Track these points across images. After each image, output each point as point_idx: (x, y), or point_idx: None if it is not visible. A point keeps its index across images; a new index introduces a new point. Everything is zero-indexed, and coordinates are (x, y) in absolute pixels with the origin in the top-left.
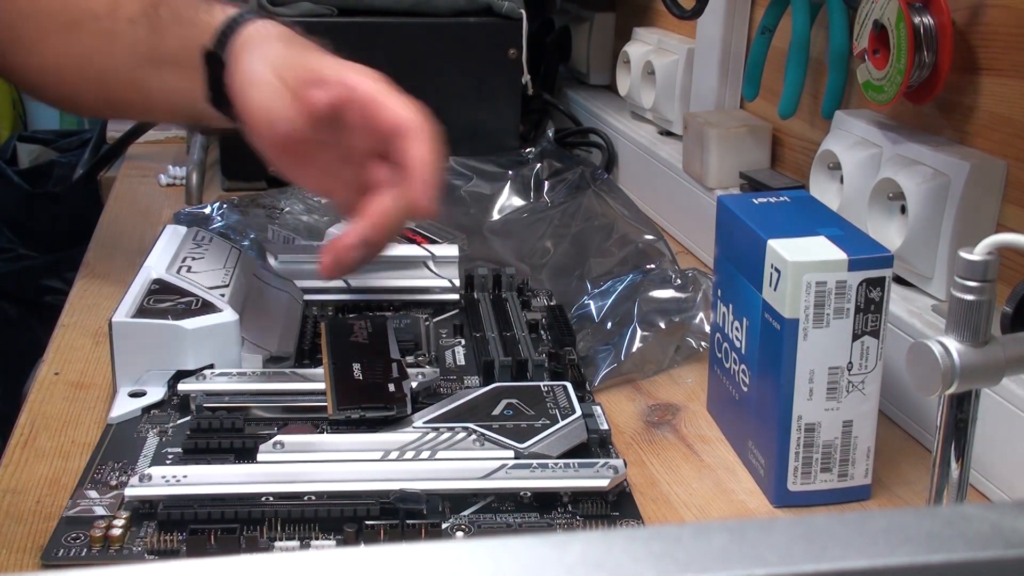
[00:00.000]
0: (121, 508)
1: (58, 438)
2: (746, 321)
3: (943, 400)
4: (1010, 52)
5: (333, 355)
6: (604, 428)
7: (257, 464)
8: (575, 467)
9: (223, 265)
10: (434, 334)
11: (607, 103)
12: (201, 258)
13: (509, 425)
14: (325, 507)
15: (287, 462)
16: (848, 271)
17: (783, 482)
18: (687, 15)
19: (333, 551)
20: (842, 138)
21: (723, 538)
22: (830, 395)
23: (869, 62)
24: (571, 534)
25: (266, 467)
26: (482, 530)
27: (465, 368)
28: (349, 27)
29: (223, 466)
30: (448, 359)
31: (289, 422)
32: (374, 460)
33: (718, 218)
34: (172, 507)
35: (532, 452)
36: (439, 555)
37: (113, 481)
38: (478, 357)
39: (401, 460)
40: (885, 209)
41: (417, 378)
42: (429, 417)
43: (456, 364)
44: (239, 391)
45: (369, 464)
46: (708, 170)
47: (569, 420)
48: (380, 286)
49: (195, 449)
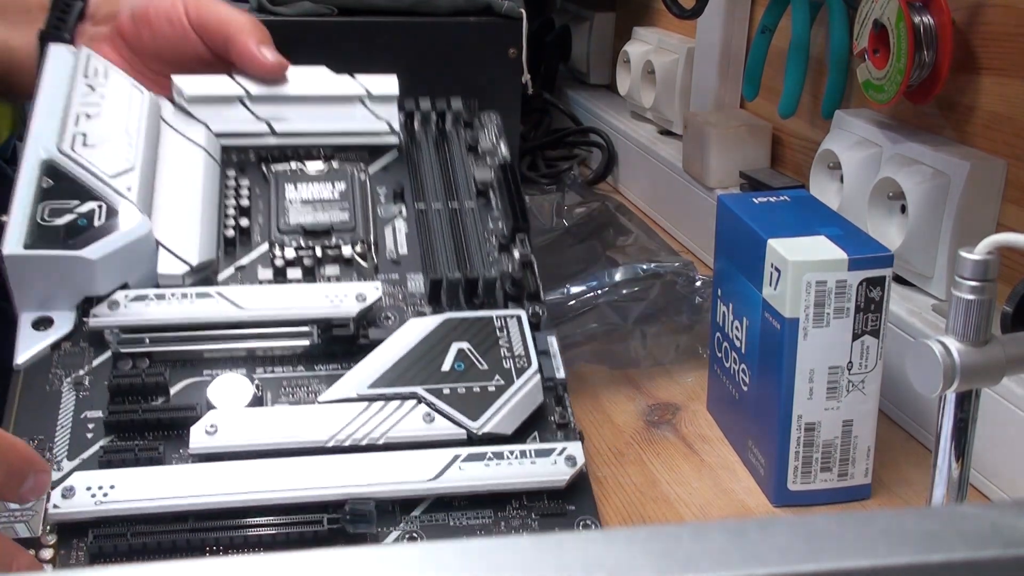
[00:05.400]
0: (46, 529)
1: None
2: (746, 320)
3: (943, 400)
4: (1010, 52)
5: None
6: (560, 377)
7: (190, 465)
8: (531, 456)
9: (124, 124)
10: (372, 198)
11: (607, 103)
12: (97, 115)
13: (461, 390)
14: (270, 532)
15: (222, 454)
16: (848, 270)
17: (783, 481)
18: (687, 15)
19: (331, 552)
20: (842, 138)
21: (723, 538)
22: (830, 394)
23: (869, 62)
24: (571, 533)
25: (198, 471)
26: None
27: (408, 260)
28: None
29: (151, 470)
30: (389, 243)
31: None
32: (319, 448)
33: (718, 217)
34: (103, 536)
35: (486, 434)
36: (438, 556)
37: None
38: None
39: (348, 449)
40: (885, 209)
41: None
42: (374, 378)
43: (398, 252)
44: (158, 325)
45: (314, 460)
46: (708, 170)
47: (524, 380)
48: (308, 130)
49: (118, 424)
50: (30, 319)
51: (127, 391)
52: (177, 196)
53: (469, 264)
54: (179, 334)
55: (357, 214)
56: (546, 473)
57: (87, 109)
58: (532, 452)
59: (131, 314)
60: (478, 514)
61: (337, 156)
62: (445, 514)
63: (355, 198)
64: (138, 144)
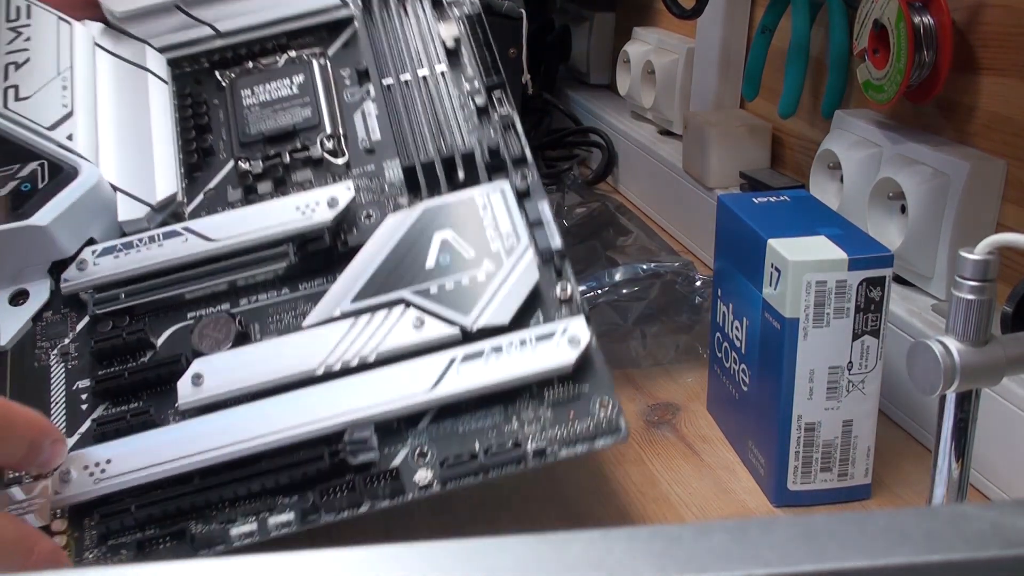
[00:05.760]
0: (55, 514)
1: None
2: (746, 320)
3: (943, 400)
4: (1010, 52)
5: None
6: (557, 247)
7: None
8: (532, 343)
9: (56, 64)
10: (336, 83)
11: (607, 103)
12: (26, 61)
13: (449, 285)
14: (272, 476)
15: (213, 404)
16: (848, 270)
17: (783, 482)
18: (687, 15)
19: (330, 552)
20: (842, 138)
21: (723, 538)
22: (830, 395)
23: (869, 62)
24: (571, 533)
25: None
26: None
27: (382, 146)
28: None
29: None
30: (360, 130)
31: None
32: (310, 378)
33: (718, 218)
34: (108, 516)
35: (481, 328)
36: (437, 555)
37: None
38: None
39: (340, 374)
40: (885, 209)
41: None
42: (356, 290)
43: (371, 139)
44: (131, 276)
45: (307, 392)
46: (708, 170)
47: (515, 260)
48: (255, 23)
49: (106, 392)
50: (5, 296)
51: (110, 354)
52: (126, 130)
53: (444, 140)
54: (154, 281)
55: (321, 107)
56: (550, 358)
57: (14, 58)
58: (532, 338)
59: (101, 271)
60: (487, 414)
61: (292, 45)
62: (452, 421)
63: (316, 89)
64: (74, 83)
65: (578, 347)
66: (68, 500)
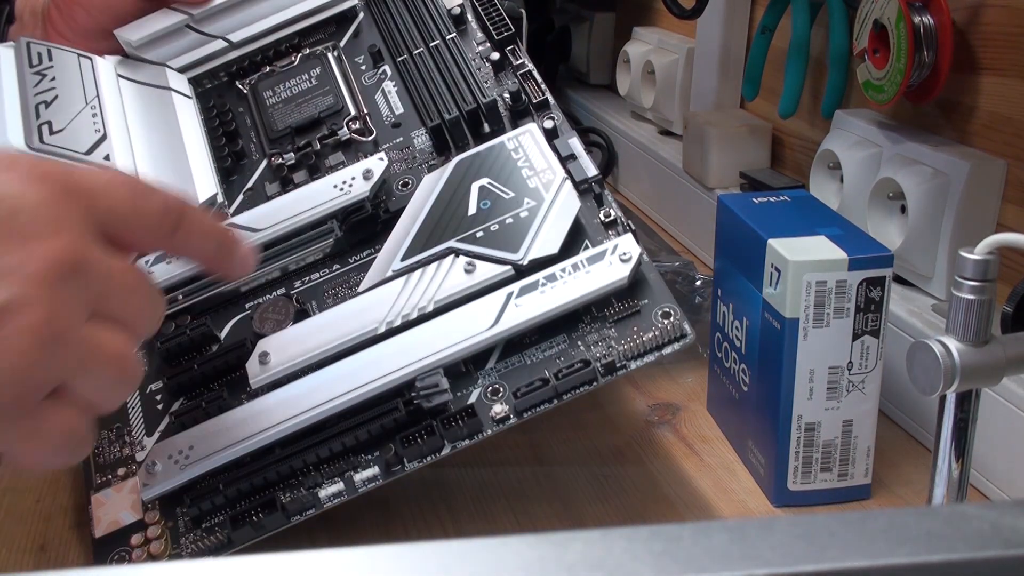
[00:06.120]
0: (147, 508)
1: None
2: (746, 320)
3: (943, 400)
4: (1010, 52)
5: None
6: (592, 174)
7: (257, 400)
8: (584, 266)
9: (83, 96)
10: (353, 70)
11: (607, 103)
12: (55, 98)
13: (494, 227)
14: (351, 434)
15: (283, 378)
16: (848, 270)
17: (783, 482)
18: (687, 15)
19: (330, 552)
20: (842, 138)
21: (723, 538)
22: (830, 395)
23: (869, 62)
24: (571, 533)
25: (267, 403)
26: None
27: (407, 118)
28: None
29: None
30: (383, 108)
31: (259, 307)
32: (373, 338)
33: (718, 218)
34: (199, 499)
35: (532, 261)
36: (440, 554)
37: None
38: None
39: (401, 328)
40: (885, 209)
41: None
42: (404, 249)
43: (395, 113)
44: (186, 279)
45: (373, 351)
46: (708, 170)
47: (555, 192)
48: (265, 28)
49: (179, 387)
50: None
51: (178, 352)
52: (160, 146)
53: (465, 98)
54: (209, 279)
55: (342, 92)
56: (604, 278)
57: (43, 97)
58: (584, 262)
59: (157, 277)
60: (552, 343)
61: (304, 43)
62: (519, 356)
63: (335, 77)
64: (103, 110)
65: (630, 262)
66: (158, 491)
